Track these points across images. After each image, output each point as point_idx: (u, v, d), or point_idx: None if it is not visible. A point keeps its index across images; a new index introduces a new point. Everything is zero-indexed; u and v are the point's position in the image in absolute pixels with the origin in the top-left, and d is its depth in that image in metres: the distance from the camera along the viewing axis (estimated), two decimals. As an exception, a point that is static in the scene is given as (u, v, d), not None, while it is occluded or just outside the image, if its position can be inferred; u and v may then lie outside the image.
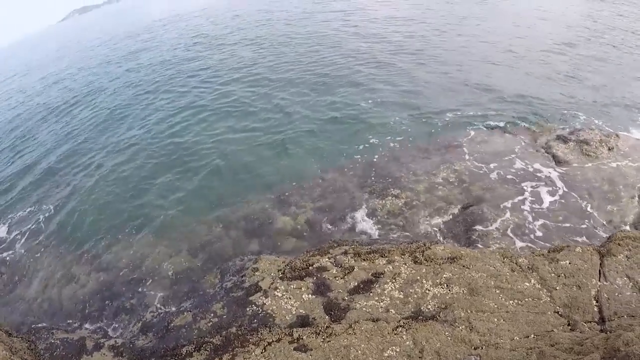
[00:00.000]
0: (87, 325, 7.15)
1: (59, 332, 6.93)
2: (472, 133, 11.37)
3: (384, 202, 8.88)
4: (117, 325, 7.00)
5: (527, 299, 5.28)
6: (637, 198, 8.46)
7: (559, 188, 8.93)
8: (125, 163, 12.51)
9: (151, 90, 19.32)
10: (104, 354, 6.13)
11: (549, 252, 6.14)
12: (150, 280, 7.79)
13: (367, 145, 11.25)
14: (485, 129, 11.58)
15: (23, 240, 10.05)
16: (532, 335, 4.76)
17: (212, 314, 5.95)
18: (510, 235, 7.44)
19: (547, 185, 9.01)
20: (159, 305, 7.13)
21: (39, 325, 7.28)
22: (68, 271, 8.50)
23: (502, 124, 11.73)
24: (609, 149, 9.75)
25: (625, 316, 4.81)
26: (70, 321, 7.32)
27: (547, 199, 8.63)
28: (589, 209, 8.28)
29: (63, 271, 8.55)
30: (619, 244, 5.85)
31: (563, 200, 8.55)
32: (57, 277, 8.42)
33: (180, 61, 23.90)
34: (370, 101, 13.86)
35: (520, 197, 8.68)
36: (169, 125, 14.57)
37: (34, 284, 8.42)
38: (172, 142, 13.27)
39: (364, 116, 12.87)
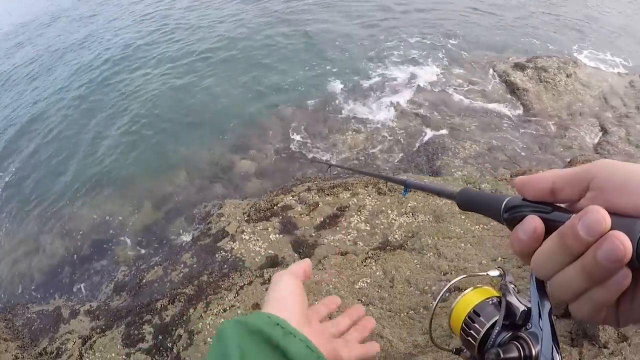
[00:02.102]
0: (60, 294, 7.02)
1: (34, 305, 6.77)
2: (425, 64, 11.36)
3: (344, 137, 8.87)
4: (90, 290, 6.91)
5: (492, 223, 5.35)
6: (596, 125, 8.66)
7: (518, 115, 9.06)
8: (73, 120, 11.78)
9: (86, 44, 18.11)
10: (80, 320, 6.04)
11: (511, 177, 6.25)
12: (117, 240, 7.66)
13: (324, 80, 11.14)
14: (437, 59, 11.52)
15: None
16: (499, 258, 4.88)
17: (182, 265, 5.91)
18: (472, 162, 7.54)
19: (506, 112, 9.13)
20: (129, 263, 7.05)
21: (14, 302, 7.08)
22: (33, 241, 8.22)
23: (454, 54, 11.70)
24: (567, 76, 9.82)
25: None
26: (44, 293, 7.17)
27: (505, 126, 8.77)
28: (548, 135, 8.45)
29: (28, 242, 8.26)
30: (579, 167, 5.97)
31: (523, 127, 8.71)
32: (23, 249, 8.13)
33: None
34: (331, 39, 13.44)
35: (479, 125, 8.80)
36: (109, 74, 13.86)
37: (1, 262, 8.14)
38: (116, 91, 12.62)
39: (325, 52, 12.59)
